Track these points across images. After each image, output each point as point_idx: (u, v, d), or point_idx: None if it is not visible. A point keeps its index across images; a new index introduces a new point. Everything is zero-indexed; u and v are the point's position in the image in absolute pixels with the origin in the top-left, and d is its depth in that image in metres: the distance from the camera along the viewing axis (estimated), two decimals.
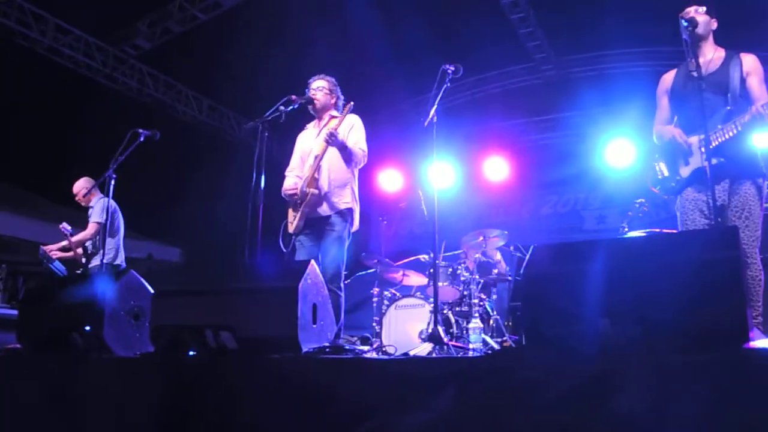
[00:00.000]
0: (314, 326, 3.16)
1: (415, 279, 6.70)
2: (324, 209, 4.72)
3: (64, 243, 6.53)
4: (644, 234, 5.62)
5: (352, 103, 4.86)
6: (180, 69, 10.10)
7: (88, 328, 3.53)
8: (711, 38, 4.03)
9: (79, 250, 6.50)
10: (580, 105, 9.90)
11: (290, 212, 4.83)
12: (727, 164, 3.74)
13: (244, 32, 9.02)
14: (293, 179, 4.93)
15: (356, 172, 4.97)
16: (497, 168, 10.44)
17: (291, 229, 4.75)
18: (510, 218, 10.70)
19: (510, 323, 6.89)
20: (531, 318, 2.75)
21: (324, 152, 4.72)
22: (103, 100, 9.56)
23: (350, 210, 4.81)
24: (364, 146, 4.90)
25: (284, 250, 4.71)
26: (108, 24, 9.12)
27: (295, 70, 5.77)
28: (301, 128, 5.23)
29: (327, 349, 3.09)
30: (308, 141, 5.00)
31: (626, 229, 6.12)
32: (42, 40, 8.71)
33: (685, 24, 3.78)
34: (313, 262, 3.29)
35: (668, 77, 4.22)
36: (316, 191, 4.66)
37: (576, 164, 10.01)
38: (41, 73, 8.93)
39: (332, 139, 4.60)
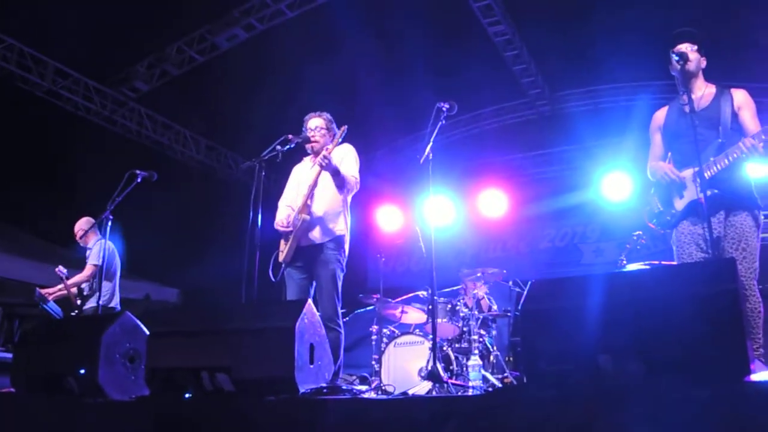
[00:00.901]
0: (311, 366, 3.13)
1: (414, 316, 6.66)
2: (316, 236, 4.68)
3: (61, 286, 6.50)
4: (642, 267, 5.60)
5: (345, 126, 4.87)
6: (178, 110, 10.19)
7: (82, 371, 3.48)
8: (701, 75, 4.09)
9: (74, 290, 6.47)
10: (576, 139, 9.99)
11: (282, 242, 4.82)
12: (721, 195, 3.75)
13: (241, 73, 9.14)
14: (286, 210, 4.93)
15: (349, 200, 4.95)
16: (494, 203, 10.46)
17: (281, 257, 4.72)
18: (508, 253, 10.70)
19: (511, 359, 6.84)
20: (530, 354, 2.73)
21: (317, 179, 4.72)
22: (102, 142, 9.63)
23: (342, 237, 4.78)
24: (357, 174, 4.89)
25: (273, 279, 4.66)
26: (106, 67, 9.24)
27: (291, 108, 5.82)
28: (297, 162, 5.24)
29: (324, 390, 3.04)
30: (303, 173, 5.00)
31: (625, 262, 6.11)
32: (41, 83, 8.80)
33: (677, 58, 3.83)
34: (310, 301, 3.26)
35: (660, 114, 4.27)
36: (308, 217, 4.64)
37: (573, 198, 10.04)
38: (40, 115, 9.00)
39: (325, 163, 4.59)
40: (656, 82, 8.73)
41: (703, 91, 4.03)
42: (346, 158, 4.91)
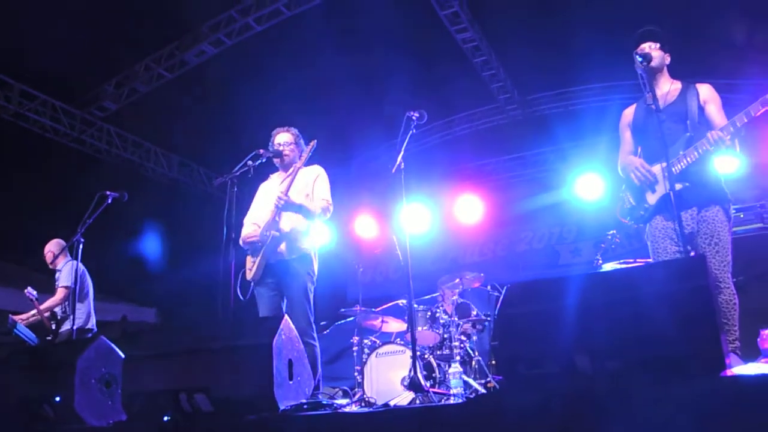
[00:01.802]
0: (291, 382, 3.10)
1: (394, 325, 6.65)
2: (284, 252, 4.65)
3: (34, 312, 6.38)
4: (617, 266, 5.65)
5: (315, 141, 4.86)
6: (148, 128, 10.09)
7: (58, 398, 3.42)
8: (666, 71, 4.16)
9: (47, 314, 6.35)
10: (548, 141, 10.08)
11: (248, 259, 4.77)
12: (692, 189, 3.80)
13: (211, 88, 9.07)
14: (252, 227, 4.89)
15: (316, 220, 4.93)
16: (470, 208, 10.48)
17: (249, 276, 4.68)
18: (485, 257, 10.73)
19: (493, 362, 6.84)
20: (508, 358, 2.73)
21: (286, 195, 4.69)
22: (71, 163, 9.50)
23: (311, 253, 4.76)
24: (329, 196, 4.87)
25: (242, 298, 4.61)
26: (74, 87, 9.11)
27: (262, 122, 5.78)
28: (266, 178, 5.21)
29: (305, 406, 3.02)
30: (271, 191, 4.97)
31: (600, 262, 6.16)
32: (7, 105, 8.67)
33: (640, 59, 3.88)
34: (287, 317, 3.24)
35: (629, 111, 4.33)
36: (277, 233, 4.61)
37: (548, 199, 10.11)
38: (7, 138, 8.85)
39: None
40: (627, 82, 8.83)
41: (669, 87, 4.10)
42: (318, 182, 4.90)
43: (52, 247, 6.62)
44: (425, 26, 8.41)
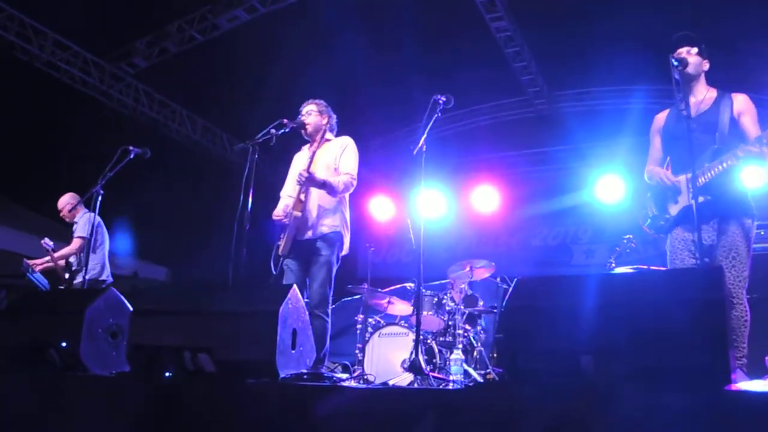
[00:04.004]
0: (293, 352, 3.12)
1: (400, 307, 6.66)
2: (309, 233, 4.66)
3: (47, 258, 6.47)
4: (630, 270, 5.61)
5: (335, 119, 4.87)
6: (175, 89, 10.12)
7: (65, 344, 3.47)
8: (703, 78, 4.07)
9: (62, 263, 6.43)
10: (571, 139, 9.99)
11: (282, 234, 4.79)
12: (714, 203, 3.75)
13: (240, 55, 9.07)
14: (286, 201, 4.89)
15: (347, 197, 4.92)
16: (487, 199, 10.46)
17: (280, 251, 4.70)
18: (499, 249, 10.70)
19: (495, 355, 6.85)
20: (511, 351, 2.73)
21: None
22: (97, 116, 9.56)
23: (338, 234, 4.73)
24: (354, 170, 4.79)
25: (273, 272, 4.66)
26: (107, 41, 9.15)
27: (288, 94, 5.79)
28: (296, 150, 5.21)
29: (305, 376, 3.04)
30: (301, 163, 4.95)
31: (613, 265, 6.12)
32: (40, 54, 8.72)
33: (675, 63, 3.82)
34: (295, 286, 3.25)
35: (661, 117, 4.26)
36: (300, 214, 4.60)
37: (566, 198, 10.05)
38: (36, 87, 8.92)
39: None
40: (652, 86, 8.73)
41: (704, 95, 4.01)
42: (346, 153, 4.84)
43: (68, 199, 6.70)
44: (455, 12, 8.33)
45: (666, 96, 3.99)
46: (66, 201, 6.71)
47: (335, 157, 4.80)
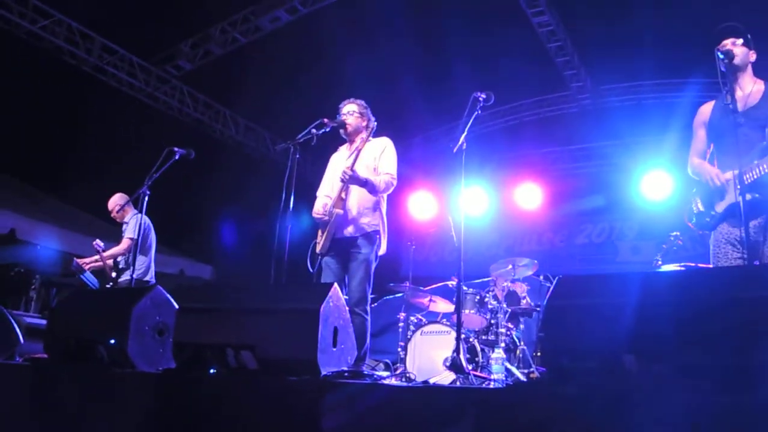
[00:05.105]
0: (334, 350, 3.15)
1: (442, 306, 6.65)
2: (350, 231, 4.69)
3: (97, 257, 6.64)
4: (677, 268, 5.49)
5: (375, 123, 4.88)
6: (219, 90, 10.30)
7: (113, 341, 3.56)
8: (749, 70, 3.94)
9: (110, 262, 6.60)
10: (616, 134, 9.81)
11: (319, 232, 4.83)
12: (762, 200, 3.63)
13: (283, 56, 9.17)
14: (323, 200, 4.93)
15: (385, 197, 4.94)
16: (530, 195, 10.35)
17: (318, 249, 4.74)
18: (543, 247, 10.59)
19: (538, 354, 6.78)
20: (553, 350, 2.70)
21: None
22: (144, 118, 9.79)
23: (377, 233, 4.75)
24: (394, 171, 4.81)
25: (311, 270, 4.70)
26: (152, 45, 9.37)
27: (329, 93, 5.83)
28: (335, 150, 5.25)
29: (346, 374, 3.06)
30: (339, 163, 4.99)
31: (660, 263, 5.99)
32: (88, 58, 8.98)
33: (722, 56, 3.71)
34: (336, 284, 3.28)
35: (706, 109, 4.13)
36: (341, 212, 4.63)
37: (611, 194, 9.90)
38: (86, 91, 9.19)
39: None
40: (701, 80, 8.50)
41: (751, 88, 3.87)
42: (385, 154, 4.85)
43: (117, 200, 6.85)
44: (497, 7, 8.27)
45: (715, 89, 3.86)
46: (115, 202, 6.87)
47: (375, 157, 4.82)
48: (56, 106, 8.75)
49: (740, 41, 3.88)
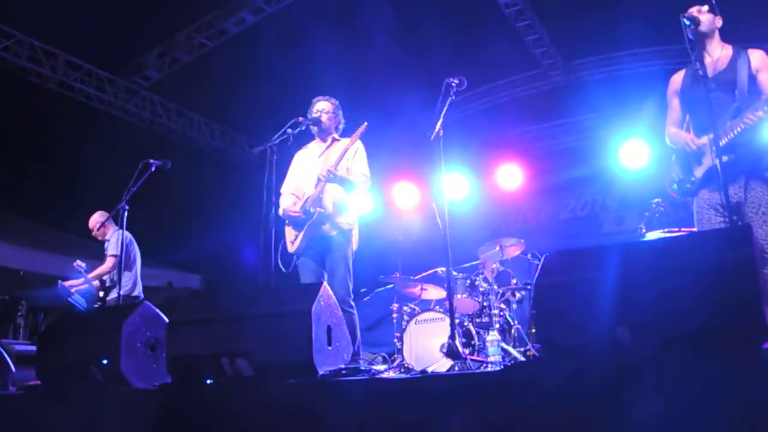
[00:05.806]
0: (329, 348, 3.15)
1: (434, 293, 6.66)
2: (327, 228, 4.70)
3: (82, 279, 6.58)
4: (661, 235, 5.54)
5: (366, 123, 4.87)
6: (190, 97, 10.19)
7: (105, 361, 3.54)
8: (717, 36, 3.99)
9: (96, 283, 6.54)
10: (592, 107, 9.82)
11: (289, 231, 4.82)
12: (738, 160, 3.68)
13: (252, 56, 9.08)
14: (290, 198, 4.93)
15: (359, 194, 4.98)
16: (512, 176, 10.36)
17: (291, 248, 4.74)
18: (528, 225, 10.61)
19: (533, 330, 6.82)
20: (545, 329, 2.71)
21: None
22: (116, 132, 9.68)
23: (351, 230, 4.83)
24: (367, 171, 4.93)
25: (284, 271, 4.69)
26: (117, 57, 9.24)
27: (305, 88, 5.78)
28: (302, 146, 5.22)
29: (343, 372, 3.06)
30: (309, 160, 5.00)
31: (644, 231, 6.03)
32: (53, 76, 8.84)
33: (687, 23, 3.73)
34: (325, 283, 3.27)
35: (677, 78, 4.18)
36: (323, 210, 4.65)
37: (591, 166, 9.91)
38: (53, 109, 9.05)
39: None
40: (674, 47, 8.52)
41: (719, 53, 3.93)
42: (358, 156, 4.93)
43: (97, 217, 6.79)
44: None
45: (687, 55, 3.88)
46: (95, 220, 6.81)
47: (348, 158, 4.84)
48: (26, 128, 8.64)
49: (705, 8, 3.92)
